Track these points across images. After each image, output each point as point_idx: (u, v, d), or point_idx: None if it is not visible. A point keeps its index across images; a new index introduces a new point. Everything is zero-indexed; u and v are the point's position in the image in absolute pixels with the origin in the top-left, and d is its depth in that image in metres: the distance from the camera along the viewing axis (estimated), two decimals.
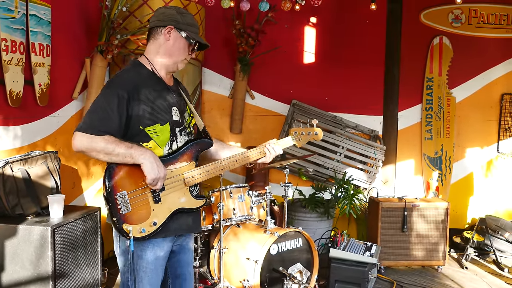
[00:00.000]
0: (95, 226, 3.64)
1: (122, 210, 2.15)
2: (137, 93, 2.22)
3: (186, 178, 2.34)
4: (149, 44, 2.40)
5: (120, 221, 2.15)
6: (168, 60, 2.38)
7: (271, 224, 3.88)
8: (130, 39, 4.54)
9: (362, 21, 5.95)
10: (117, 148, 2.12)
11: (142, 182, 2.19)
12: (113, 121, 2.16)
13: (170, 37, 2.34)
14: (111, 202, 2.14)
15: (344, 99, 6.00)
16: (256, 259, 3.50)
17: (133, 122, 2.22)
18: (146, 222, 2.20)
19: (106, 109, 2.15)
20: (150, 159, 2.16)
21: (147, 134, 2.25)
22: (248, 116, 5.86)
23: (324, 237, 5.18)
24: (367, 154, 5.78)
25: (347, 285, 4.18)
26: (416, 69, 6.13)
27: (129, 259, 2.25)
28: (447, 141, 6.19)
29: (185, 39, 2.36)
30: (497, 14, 6.15)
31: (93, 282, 3.62)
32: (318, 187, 5.49)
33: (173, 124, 2.34)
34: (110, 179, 2.16)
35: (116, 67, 4.88)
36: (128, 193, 2.17)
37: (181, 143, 2.38)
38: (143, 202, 2.20)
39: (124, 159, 2.14)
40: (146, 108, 2.24)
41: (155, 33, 2.37)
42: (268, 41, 5.72)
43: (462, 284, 4.66)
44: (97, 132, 2.11)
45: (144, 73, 2.34)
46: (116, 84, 2.23)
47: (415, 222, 4.92)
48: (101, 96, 2.22)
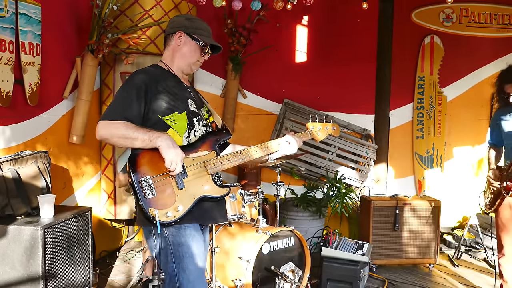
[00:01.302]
0: (86, 226, 3.62)
1: (147, 194, 2.24)
2: (154, 84, 2.38)
3: (207, 165, 2.41)
4: (165, 51, 2.58)
5: (146, 204, 2.23)
6: (182, 63, 2.55)
7: (263, 223, 3.88)
8: (121, 38, 4.53)
9: (354, 20, 5.96)
10: (136, 132, 2.25)
11: (165, 168, 2.29)
12: (133, 109, 2.31)
13: (181, 42, 2.52)
14: (136, 187, 2.24)
15: (336, 98, 6.01)
16: (248, 258, 3.49)
17: (151, 112, 2.36)
18: (171, 207, 2.28)
19: (126, 98, 2.32)
20: (167, 141, 2.27)
21: (165, 123, 2.38)
22: (240, 115, 5.86)
23: (316, 236, 5.19)
24: (359, 153, 5.79)
25: (339, 283, 4.19)
26: (407, 68, 6.16)
27: (170, 248, 2.33)
28: (439, 140, 6.21)
29: (195, 42, 2.53)
30: (487, 13, 6.18)
31: (84, 282, 3.60)
32: (310, 186, 5.50)
33: (189, 113, 2.47)
34: (134, 164, 2.28)
35: (107, 66, 4.87)
36: (152, 177, 2.27)
37: (199, 132, 2.50)
38: (168, 188, 2.29)
39: (143, 143, 2.26)
40: (164, 98, 2.39)
41: (169, 40, 2.56)
42: (260, 40, 5.72)
43: (453, 282, 4.68)
44: (119, 118, 2.26)
45: (162, 71, 2.53)
46: (135, 78, 2.39)
47: (406, 221, 4.94)
48: (121, 89, 2.39)
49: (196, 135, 2.48)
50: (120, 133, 2.25)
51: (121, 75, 4.85)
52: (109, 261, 4.86)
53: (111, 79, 4.88)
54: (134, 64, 4.73)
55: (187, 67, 2.57)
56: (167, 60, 2.57)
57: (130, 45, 4.59)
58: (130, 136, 2.25)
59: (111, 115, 2.29)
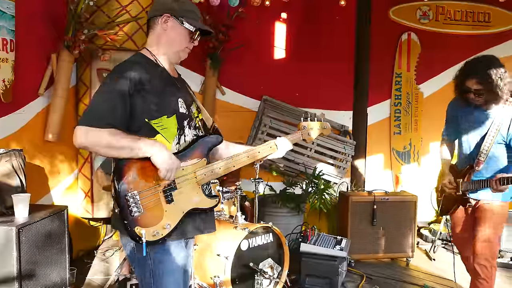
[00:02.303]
0: (62, 225, 3.58)
1: (134, 212, 2.01)
2: (141, 82, 2.08)
3: (198, 176, 2.20)
4: (149, 36, 2.28)
5: (132, 223, 2.01)
6: (169, 50, 2.26)
7: (241, 220, 3.88)
8: (98, 34, 4.47)
9: (332, 17, 5.99)
10: (123, 140, 1.99)
11: (154, 181, 2.07)
12: (117, 113, 2.01)
13: (167, 26, 2.22)
14: (122, 204, 2.00)
15: (315, 95, 6.03)
16: (227, 255, 3.49)
17: (137, 114, 2.07)
18: (159, 225, 2.06)
19: (109, 100, 2.02)
20: (161, 149, 2.04)
21: (152, 128, 2.11)
22: (218, 112, 5.83)
23: (295, 232, 5.20)
24: (337, 149, 5.83)
25: (317, 279, 4.21)
26: (385, 64, 6.22)
27: (149, 265, 2.12)
28: (415, 136, 6.29)
29: (184, 27, 2.24)
30: (463, 11, 6.27)
31: (61, 282, 3.56)
32: (289, 183, 5.52)
33: (180, 116, 2.20)
34: (120, 178, 2.02)
35: (83, 63, 4.81)
36: (139, 193, 2.03)
37: (189, 137, 2.24)
38: (155, 203, 2.07)
39: (132, 153, 2.01)
40: (151, 99, 2.10)
41: (153, 24, 2.25)
42: (238, 37, 5.70)
43: (430, 275, 4.75)
44: (101, 125, 1.96)
45: (147, 64, 2.20)
46: (119, 74, 2.08)
47: (384, 216, 4.99)
48: (103, 87, 2.09)
49: (186, 141, 2.22)
50: (104, 142, 1.97)
51: (98, 72, 4.79)
52: (87, 260, 4.80)
53: (88, 75, 4.81)
54: (111, 61, 4.69)
55: (175, 55, 2.27)
56: (152, 47, 2.25)
57: (107, 41, 4.55)
58: (116, 146, 1.98)
59: (92, 120, 1.98)
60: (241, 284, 3.61)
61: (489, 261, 3.34)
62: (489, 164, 3.33)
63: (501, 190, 3.12)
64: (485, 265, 3.34)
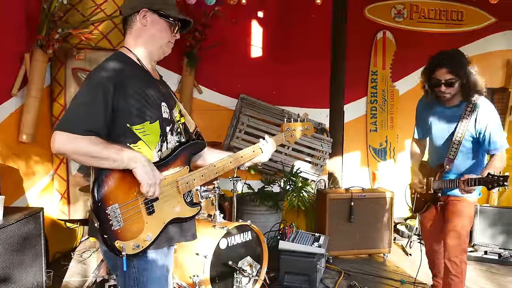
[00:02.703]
0: (38, 227, 3.53)
1: (114, 226, 1.92)
2: (123, 85, 1.98)
3: (180, 185, 2.13)
4: (127, 35, 2.17)
5: (112, 238, 1.92)
6: (152, 47, 2.16)
7: (220, 219, 3.88)
8: (72, 33, 4.42)
9: (309, 15, 6.02)
10: (105, 151, 1.89)
11: (135, 192, 1.98)
12: (99, 119, 1.91)
13: (147, 22, 2.12)
14: (102, 218, 1.90)
15: (292, 93, 6.05)
16: (206, 254, 3.49)
17: (119, 119, 1.97)
18: (139, 237, 1.99)
19: (90, 105, 1.90)
20: (143, 163, 1.95)
21: (134, 134, 2.02)
22: (196, 111, 5.81)
23: (273, 229, 5.23)
24: (315, 147, 5.86)
25: (296, 276, 4.24)
26: (361, 63, 6.28)
27: (134, 273, 2.06)
28: (391, 133, 6.37)
29: (164, 20, 2.15)
30: (437, 9, 6.37)
31: (38, 285, 3.52)
32: (266, 181, 5.53)
33: (163, 122, 2.11)
34: (100, 191, 1.91)
35: (57, 62, 4.74)
36: (120, 206, 1.94)
37: (172, 144, 2.16)
38: (136, 215, 1.98)
39: (114, 164, 1.91)
40: (134, 103, 2.00)
41: (130, 22, 2.15)
42: (215, 36, 5.68)
43: (407, 270, 4.81)
44: (82, 132, 1.86)
45: (129, 64, 2.10)
46: (100, 76, 1.97)
47: (361, 212, 5.04)
48: (84, 90, 1.97)
49: (168, 148, 2.14)
50: (84, 151, 1.87)
51: (73, 71, 4.74)
52: (64, 262, 4.74)
53: (62, 75, 4.75)
54: (87, 60, 4.64)
55: (159, 50, 2.18)
56: (132, 47, 2.15)
57: (82, 40, 4.50)
58: (98, 156, 1.88)
59: (72, 126, 1.87)
60: (220, 282, 3.61)
61: (459, 257, 3.39)
62: (459, 161, 3.38)
63: (469, 191, 3.14)
64: (455, 261, 3.38)
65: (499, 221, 5.42)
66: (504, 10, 6.37)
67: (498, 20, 6.43)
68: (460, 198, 3.39)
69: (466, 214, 3.41)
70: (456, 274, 3.40)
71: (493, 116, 3.26)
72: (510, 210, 5.49)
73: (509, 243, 5.38)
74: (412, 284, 4.39)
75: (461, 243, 3.40)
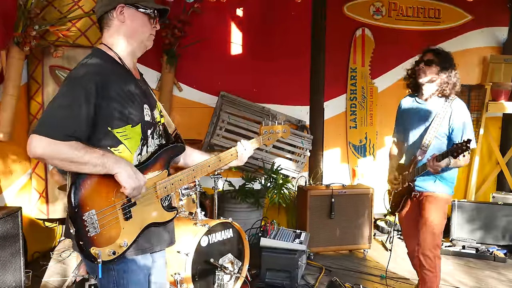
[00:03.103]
0: (16, 227, 3.49)
1: (90, 232, 1.86)
2: (106, 87, 1.91)
3: (158, 190, 2.09)
4: (105, 33, 2.09)
5: (88, 244, 1.86)
6: (133, 43, 2.09)
7: (201, 216, 3.88)
8: (50, 30, 4.36)
9: (288, 12, 6.03)
10: (86, 156, 1.82)
11: (112, 198, 1.93)
12: (80, 123, 1.84)
13: (125, 18, 2.05)
14: (78, 224, 1.84)
15: (272, 90, 6.06)
16: (187, 251, 3.48)
17: (100, 122, 1.91)
18: (115, 243, 1.93)
19: (72, 108, 1.83)
20: (126, 168, 1.90)
21: (115, 137, 1.96)
22: (176, 108, 5.78)
23: (255, 226, 5.24)
24: (295, 143, 5.89)
25: (278, 272, 4.25)
26: (340, 60, 6.31)
27: (113, 275, 2.02)
28: (371, 130, 6.42)
29: (142, 13, 2.08)
30: (415, 7, 6.44)
31: (16, 285, 3.47)
32: (247, 178, 5.54)
33: (144, 125, 2.06)
34: (77, 196, 1.84)
35: (35, 60, 4.68)
36: (97, 212, 1.87)
37: (152, 147, 2.12)
38: (114, 221, 1.93)
39: (94, 169, 1.85)
40: (116, 106, 1.94)
41: (107, 20, 2.07)
42: (195, 33, 5.66)
43: (386, 265, 4.86)
44: (62, 137, 1.79)
45: (110, 63, 2.03)
46: (81, 77, 1.89)
47: (342, 209, 5.08)
48: (64, 91, 1.89)
49: (148, 151, 2.10)
50: (64, 156, 1.79)
51: (51, 69, 4.68)
52: (43, 262, 4.68)
53: (40, 73, 4.69)
54: (64, 57, 4.58)
55: (140, 45, 2.11)
56: (112, 44, 2.08)
57: (59, 38, 4.43)
58: (78, 161, 1.81)
59: (51, 131, 1.78)
60: (201, 280, 3.61)
61: (432, 251, 3.45)
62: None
63: (438, 167, 3.18)
64: (429, 255, 3.44)
65: (477, 216, 5.52)
66: (480, 8, 6.47)
67: (474, 18, 6.52)
68: (433, 194, 3.47)
69: (439, 209, 3.47)
70: (429, 269, 3.46)
71: (466, 115, 3.39)
72: (487, 205, 5.59)
73: (486, 238, 5.48)
74: (391, 279, 4.44)
75: (434, 237, 3.46)
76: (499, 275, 4.73)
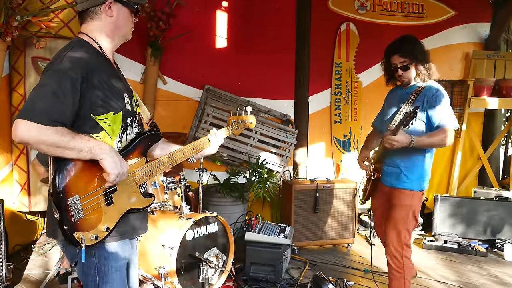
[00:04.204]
0: None
1: (75, 217, 1.90)
2: (90, 75, 1.95)
3: (137, 176, 2.15)
4: (86, 25, 2.12)
5: (72, 229, 1.90)
6: (117, 36, 2.16)
7: (186, 210, 3.86)
8: (32, 21, 4.28)
9: (273, 6, 6.02)
10: (72, 141, 1.84)
11: (95, 184, 1.98)
12: (66, 109, 1.87)
13: (113, 13, 2.11)
14: (62, 209, 1.87)
15: (257, 84, 6.05)
16: (172, 245, 3.46)
17: (84, 109, 1.94)
18: (97, 228, 1.99)
19: (58, 94, 1.84)
20: (111, 154, 1.95)
21: (97, 124, 2.00)
22: (160, 101, 5.74)
23: (240, 220, 5.24)
24: (280, 138, 5.89)
25: (262, 266, 4.26)
26: (325, 54, 6.31)
27: (94, 262, 2.06)
28: (355, 124, 6.45)
29: (128, 7, 2.16)
30: (399, 2, 6.47)
31: None
32: (232, 172, 5.53)
33: (125, 113, 2.12)
34: (62, 181, 1.88)
35: (16, 51, 4.60)
36: (80, 197, 1.92)
37: (131, 135, 2.18)
38: (96, 206, 1.98)
39: (80, 154, 1.88)
40: (99, 94, 1.99)
41: (92, 13, 2.10)
42: (179, 25, 5.61)
43: (369, 260, 4.89)
44: (49, 122, 1.80)
45: (93, 53, 2.06)
46: (66, 64, 1.91)
47: (326, 203, 5.10)
48: (49, 78, 1.89)
49: (127, 139, 2.15)
50: (50, 141, 1.80)
51: (33, 60, 4.60)
52: (24, 255, 4.63)
53: (22, 64, 4.61)
54: (47, 49, 4.51)
55: (122, 38, 2.19)
56: (94, 35, 2.11)
57: (42, 28, 4.37)
58: (64, 146, 1.83)
59: (38, 115, 1.79)
60: (186, 274, 3.59)
61: (399, 251, 3.34)
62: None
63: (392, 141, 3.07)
64: (395, 255, 3.35)
65: (459, 211, 5.58)
66: (463, 4, 6.54)
67: (457, 14, 6.58)
68: (396, 189, 3.36)
69: (405, 206, 3.34)
70: (397, 269, 3.37)
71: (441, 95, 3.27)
72: (469, 200, 5.66)
73: (468, 232, 5.55)
74: (375, 273, 4.47)
75: (399, 235, 3.34)
76: (480, 269, 4.79)
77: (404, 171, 3.35)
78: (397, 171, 3.37)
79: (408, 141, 3.10)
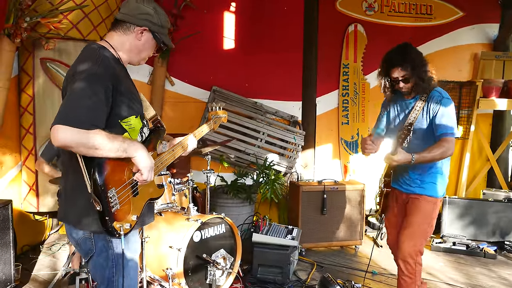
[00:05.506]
0: (6, 219, 3.46)
1: (114, 208, 2.06)
2: (118, 83, 2.12)
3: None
4: (115, 33, 2.28)
5: (112, 219, 2.06)
6: (134, 57, 2.33)
7: (193, 211, 3.85)
8: (41, 22, 4.30)
9: (281, 7, 6.02)
10: (110, 143, 1.98)
11: (125, 177, 2.13)
12: (101, 113, 2.03)
13: (142, 38, 2.28)
14: (103, 201, 2.01)
15: (264, 86, 6.04)
16: (179, 247, 3.46)
17: (112, 115, 2.11)
18: (128, 218, 2.15)
19: (94, 100, 1.99)
20: (143, 151, 2.12)
21: (122, 127, 2.16)
22: (168, 103, 5.75)
23: (247, 222, 5.23)
24: (287, 139, 5.88)
25: (270, 268, 4.25)
26: (332, 56, 6.31)
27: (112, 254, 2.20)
28: (363, 126, 6.43)
29: (156, 41, 2.34)
30: (407, 3, 6.45)
31: (6, 279, 3.44)
32: (240, 173, 5.52)
33: (142, 116, 2.33)
34: (101, 176, 2.02)
35: (25, 52, 4.62)
36: (116, 189, 2.07)
37: (146, 134, 2.36)
38: (127, 198, 2.15)
39: (116, 153, 2.02)
40: (124, 100, 2.16)
41: (126, 28, 2.26)
42: (187, 27, 5.63)
43: (378, 262, 4.88)
44: (88, 126, 1.93)
45: (117, 62, 2.23)
46: (100, 73, 2.06)
47: (334, 205, 5.08)
48: (86, 85, 2.01)
49: (143, 137, 2.33)
50: (91, 144, 1.93)
51: (42, 61, 4.62)
52: (32, 255, 4.65)
53: (31, 65, 4.63)
54: (56, 50, 4.53)
55: (137, 61, 2.37)
56: (116, 45, 2.27)
57: (51, 30, 4.38)
58: (103, 148, 1.97)
59: (78, 120, 1.91)
60: (193, 275, 3.60)
61: (413, 258, 3.28)
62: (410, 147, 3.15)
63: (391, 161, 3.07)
64: (409, 261, 3.29)
65: (467, 212, 5.55)
66: (471, 5, 6.51)
67: (466, 14, 6.56)
68: (419, 196, 3.30)
69: (423, 212, 3.29)
70: (408, 275, 3.31)
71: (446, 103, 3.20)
72: (478, 202, 5.63)
73: (477, 234, 5.52)
74: (383, 276, 4.45)
75: (416, 243, 3.28)
76: (489, 271, 4.76)
77: (421, 179, 3.29)
78: (417, 179, 3.31)
79: (408, 160, 3.06)
